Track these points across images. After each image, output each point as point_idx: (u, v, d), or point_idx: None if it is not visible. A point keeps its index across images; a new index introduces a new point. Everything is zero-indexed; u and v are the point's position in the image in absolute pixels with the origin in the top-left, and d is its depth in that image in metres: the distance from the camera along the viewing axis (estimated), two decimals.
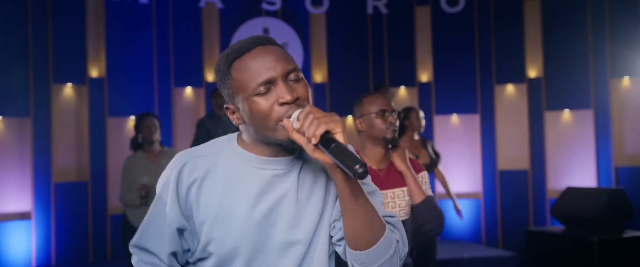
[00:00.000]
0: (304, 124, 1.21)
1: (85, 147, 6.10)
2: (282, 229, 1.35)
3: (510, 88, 7.02)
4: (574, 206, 5.48)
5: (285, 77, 1.29)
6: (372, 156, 2.50)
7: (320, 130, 1.19)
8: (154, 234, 1.37)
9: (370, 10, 6.97)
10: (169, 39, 6.50)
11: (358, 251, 1.30)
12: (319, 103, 6.83)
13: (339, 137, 1.21)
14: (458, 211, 5.31)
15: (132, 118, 6.25)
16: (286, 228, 1.35)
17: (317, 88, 6.86)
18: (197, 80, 6.60)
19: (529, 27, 6.96)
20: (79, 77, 6.09)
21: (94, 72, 6.17)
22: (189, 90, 6.62)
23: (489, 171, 6.96)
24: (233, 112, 1.35)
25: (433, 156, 4.89)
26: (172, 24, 6.50)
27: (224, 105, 1.36)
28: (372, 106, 2.48)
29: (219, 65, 1.35)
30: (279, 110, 1.27)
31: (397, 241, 1.36)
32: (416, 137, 4.89)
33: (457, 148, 6.98)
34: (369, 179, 1.45)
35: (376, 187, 1.46)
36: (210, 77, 6.66)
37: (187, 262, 1.42)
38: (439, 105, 7.02)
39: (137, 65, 6.30)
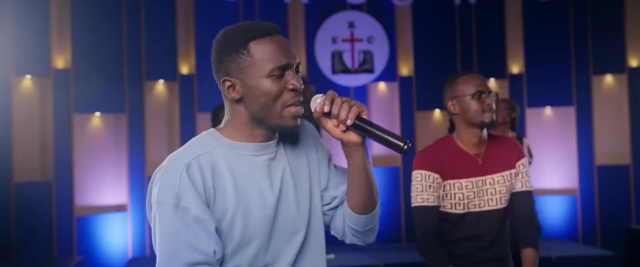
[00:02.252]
0: (335, 108, 1.33)
1: (176, 141, 6.27)
2: (291, 208, 1.42)
3: (609, 79, 6.65)
4: None
5: (296, 68, 1.39)
6: (467, 140, 2.33)
7: (355, 113, 1.32)
8: (189, 244, 1.28)
9: (457, 1, 6.77)
10: None
11: (364, 215, 1.45)
12: (406, 97, 6.72)
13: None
14: None
15: None
16: (293, 207, 1.43)
17: (404, 82, 6.75)
18: None
19: (629, 13, 6.55)
20: (170, 73, 6.27)
21: (184, 69, 6.33)
22: None
23: (586, 166, 6.61)
24: (232, 86, 1.37)
25: (528, 156, 4.60)
26: (259, 19, 6.57)
27: (222, 79, 1.38)
28: (468, 87, 2.29)
29: (231, 38, 1.38)
30: (287, 95, 1.35)
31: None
32: (511, 133, 4.62)
33: (551, 142, 6.68)
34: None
35: None
36: None
37: None
38: (531, 98, 6.74)
39: None
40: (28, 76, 5.67)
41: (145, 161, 6.07)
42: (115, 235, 5.90)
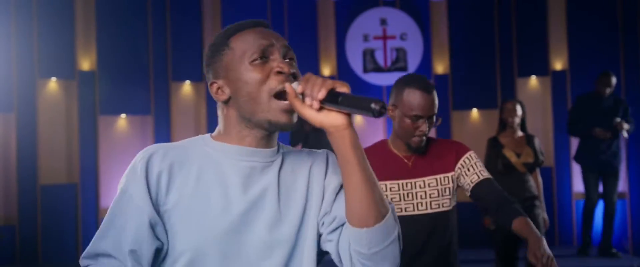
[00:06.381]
0: (308, 86, 1.16)
1: None
2: (262, 228, 1.25)
3: None
4: None
5: (283, 54, 1.26)
6: (399, 146, 2.24)
7: (327, 87, 1.15)
8: (115, 234, 1.21)
9: None
10: (285, 33, 6.43)
11: (365, 228, 1.19)
12: (441, 96, 6.41)
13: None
14: (544, 221, 4.38)
15: None
16: (267, 227, 1.25)
17: (439, 80, 6.47)
18: (312, 72, 6.47)
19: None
20: (196, 74, 6.19)
21: None
22: None
23: (636, 169, 6.18)
24: (219, 87, 1.27)
25: (539, 155, 4.28)
26: (287, 17, 6.42)
27: (210, 82, 1.30)
28: (411, 106, 2.13)
29: (214, 41, 1.31)
30: (273, 80, 1.22)
31: (398, 233, 1.23)
32: (519, 133, 4.33)
33: None
34: None
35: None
36: (326, 70, 6.51)
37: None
38: (574, 95, 6.33)
39: None
40: (53, 79, 5.70)
41: None
42: None
